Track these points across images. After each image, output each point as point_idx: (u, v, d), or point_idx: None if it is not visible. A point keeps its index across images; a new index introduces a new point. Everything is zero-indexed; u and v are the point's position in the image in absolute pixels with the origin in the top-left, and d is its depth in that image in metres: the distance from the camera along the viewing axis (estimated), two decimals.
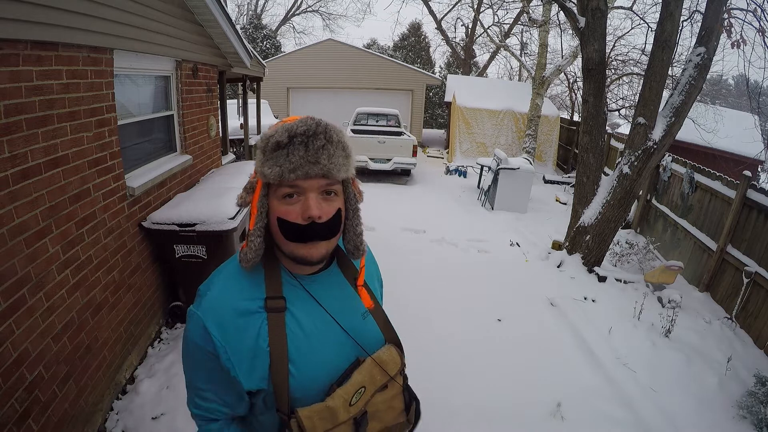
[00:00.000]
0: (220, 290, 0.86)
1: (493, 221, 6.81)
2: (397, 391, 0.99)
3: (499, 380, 2.93)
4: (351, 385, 0.88)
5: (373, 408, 0.94)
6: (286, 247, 0.83)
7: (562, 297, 4.18)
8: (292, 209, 0.80)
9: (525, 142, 10.75)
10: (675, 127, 4.28)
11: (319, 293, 0.90)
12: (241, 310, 0.84)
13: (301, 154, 0.77)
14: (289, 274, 0.89)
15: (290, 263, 0.88)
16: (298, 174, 0.77)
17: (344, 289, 0.95)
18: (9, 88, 1.71)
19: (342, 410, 0.87)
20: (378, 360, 0.93)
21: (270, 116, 11.24)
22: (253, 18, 22.19)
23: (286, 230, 0.81)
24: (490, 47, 18.91)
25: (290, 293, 0.88)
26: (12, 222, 1.74)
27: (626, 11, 9.34)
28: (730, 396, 2.99)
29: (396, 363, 0.97)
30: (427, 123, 20.30)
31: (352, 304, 0.95)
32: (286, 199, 0.80)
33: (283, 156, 0.78)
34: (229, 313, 0.84)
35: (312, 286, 0.90)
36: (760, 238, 3.91)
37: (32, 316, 1.85)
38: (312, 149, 0.78)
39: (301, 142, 0.78)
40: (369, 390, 0.92)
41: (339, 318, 0.91)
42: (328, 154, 0.79)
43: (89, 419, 2.26)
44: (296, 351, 0.85)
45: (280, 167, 0.77)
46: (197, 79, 4.05)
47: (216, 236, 2.98)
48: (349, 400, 0.88)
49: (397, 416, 1.00)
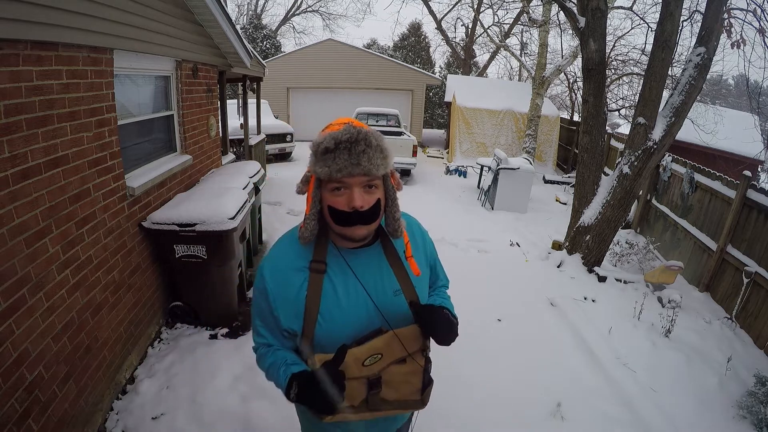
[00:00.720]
0: (278, 251, 1.11)
1: (493, 221, 6.81)
2: (416, 368, 1.12)
3: (499, 380, 2.93)
4: (366, 348, 1.04)
5: (388, 376, 1.09)
6: (335, 228, 1.03)
7: (562, 297, 4.17)
8: (339, 200, 0.99)
9: (525, 142, 10.75)
10: (675, 127, 4.28)
11: (356, 266, 1.08)
12: (291, 266, 1.07)
13: (345, 157, 0.95)
14: (334, 246, 1.08)
15: (337, 238, 1.07)
16: (343, 173, 0.96)
17: (381, 267, 1.11)
18: (9, 88, 1.71)
19: (353, 367, 1.03)
20: (399, 334, 1.07)
21: (270, 116, 11.25)
22: (253, 18, 22.19)
23: (334, 216, 1.00)
24: (490, 47, 18.93)
25: (332, 262, 1.07)
26: (12, 222, 1.74)
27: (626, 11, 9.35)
28: (730, 396, 2.99)
29: (417, 342, 1.10)
30: (427, 123, 20.30)
31: (385, 280, 1.10)
32: (334, 191, 0.99)
33: (330, 159, 0.96)
34: (281, 266, 1.07)
35: (352, 258, 1.08)
36: (760, 238, 3.91)
37: (32, 316, 1.85)
38: (354, 153, 0.95)
39: (345, 148, 0.95)
40: (386, 358, 1.07)
41: (370, 290, 1.08)
42: (367, 156, 0.96)
43: (89, 419, 2.26)
44: (326, 307, 1.04)
45: (329, 168, 0.96)
46: (197, 79, 4.05)
47: (216, 236, 2.98)
48: (363, 360, 1.03)
49: (412, 392, 1.14)
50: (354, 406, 1.09)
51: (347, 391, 1.03)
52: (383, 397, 1.11)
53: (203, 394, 2.61)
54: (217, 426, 2.40)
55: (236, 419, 2.45)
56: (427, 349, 1.15)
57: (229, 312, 3.36)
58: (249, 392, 2.65)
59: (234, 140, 7.64)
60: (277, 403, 2.54)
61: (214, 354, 2.98)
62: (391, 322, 1.08)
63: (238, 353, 2.99)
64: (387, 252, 1.12)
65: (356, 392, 1.07)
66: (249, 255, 4.28)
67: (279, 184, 8.09)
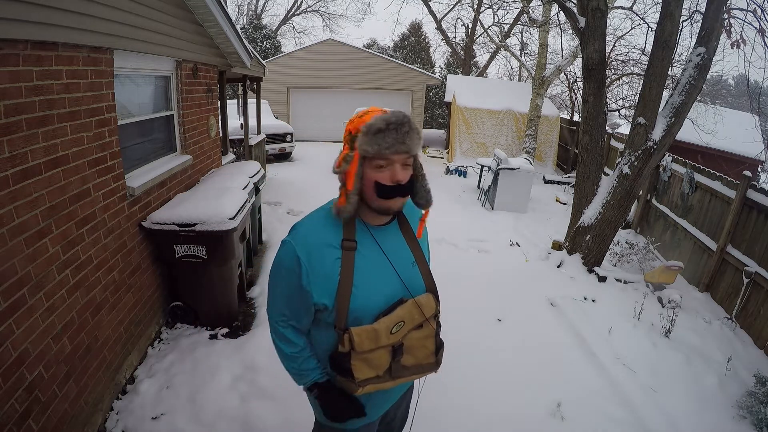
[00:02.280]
0: (309, 227, 1.18)
1: (493, 221, 6.81)
2: (430, 332, 1.25)
3: (498, 380, 2.93)
4: (394, 317, 1.16)
5: (408, 342, 1.21)
6: (376, 202, 1.13)
7: (562, 297, 4.17)
8: (384, 175, 1.10)
9: (525, 142, 10.75)
10: (675, 127, 4.28)
11: (382, 240, 1.20)
12: (324, 243, 1.14)
13: (394, 136, 1.07)
14: (363, 224, 1.19)
15: (368, 214, 1.19)
16: (391, 150, 1.07)
17: (400, 242, 1.26)
18: (9, 88, 1.71)
19: (384, 335, 1.14)
20: (418, 302, 1.20)
21: (270, 116, 11.24)
22: (253, 18, 22.19)
23: (380, 190, 1.10)
24: (490, 47, 18.90)
25: (361, 237, 1.17)
26: (12, 222, 1.74)
27: (626, 11, 9.34)
28: (730, 396, 2.99)
29: (431, 307, 1.23)
30: (427, 123, 20.29)
31: (404, 253, 1.25)
32: (378, 168, 1.10)
33: (381, 138, 1.07)
34: (315, 243, 1.14)
35: (378, 234, 1.20)
36: (760, 238, 3.91)
37: (32, 316, 1.85)
38: (401, 133, 1.07)
39: (394, 128, 1.07)
40: (407, 325, 1.19)
41: (394, 262, 1.20)
42: (411, 137, 1.09)
43: (89, 419, 2.26)
44: (360, 278, 1.14)
45: (379, 145, 1.07)
46: (197, 79, 4.05)
47: (216, 236, 2.98)
48: (391, 329, 1.15)
49: (428, 355, 1.26)
50: (379, 376, 1.18)
51: (375, 361, 1.16)
52: (404, 364, 1.21)
53: (203, 394, 2.61)
54: (216, 426, 2.40)
55: (236, 419, 2.45)
56: (439, 314, 1.27)
57: (229, 312, 3.36)
58: (249, 392, 2.65)
59: (234, 140, 7.64)
60: (277, 403, 2.54)
61: (214, 354, 2.98)
62: (411, 290, 1.21)
63: (238, 353, 2.99)
64: (403, 229, 1.27)
65: (383, 360, 1.18)
66: (249, 255, 4.28)
67: (279, 184, 8.09)
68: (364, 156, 1.11)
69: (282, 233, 1.22)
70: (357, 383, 1.15)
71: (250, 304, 3.78)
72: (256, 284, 4.13)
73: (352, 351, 1.13)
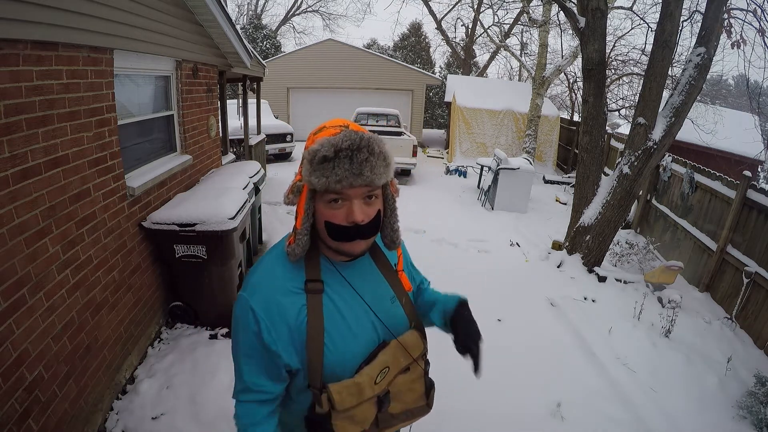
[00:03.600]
0: (264, 274, 0.97)
1: (493, 221, 6.81)
2: (419, 374, 1.07)
3: (498, 380, 2.93)
4: (377, 364, 0.98)
5: (395, 389, 1.03)
6: (331, 244, 0.94)
7: (562, 297, 4.17)
8: (337, 213, 0.89)
9: (525, 142, 10.75)
10: (675, 127, 4.28)
11: (353, 278, 0.99)
12: (283, 291, 0.93)
13: (346, 167, 0.84)
14: (327, 260, 0.98)
15: (330, 252, 0.97)
16: (343, 184, 0.85)
17: (375, 276, 1.05)
18: (9, 88, 1.71)
19: (368, 387, 0.96)
20: (402, 342, 1.02)
21: (270, 116, 11.24)
22: (253, 18, 22.19)
23: (332, 231, 0.90)
24: (490, 47, 18.91)
25: (328, 277, 0.97)
26: (12, 222, 1.74)
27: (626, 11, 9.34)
28: (730, 396, 2.99)
29: (419, 347, 1.06)
30: (427, 123, 20.28)
31: (381, 289, 1.04)
32: (331, 204, 0.89)
33: (329, 169, 0.85)
34: (272, 293, 0.93)
35: (347, 271, 0.99)
36: (760, 238, 3.91)
37: (32, 316, 1.85)
38: (356, 162, 0.85)
39: (346, 156, 0.84)
40: (392, 370, 1.01)
41: (370, 301, 1.00)
42: (370, 166, 0.86)
43: (89, 419, 2.26)
44: (332, 327, 0.94)
45: (327, 178, 0.85)
46: (197, 79, 4.05)
47: (216, 236, 2.98)
48: (375, 378, 0.97)
49: (417, 399, 1.09)
50: (365, 430, 1.01)
51: (359, 417, 0.98)
52: (391, 413, 1.05)
53: (203, 394, 2.61)
54: (216, 426, 2.40)
55: None
56: (427, 352, 1.11)
57: (229, 312, 3.33)
58: None
59: (234, 140, 7.64)
60: None
61: (214, 354, 2.98)
62: (393, 330, 1.03)
63: None
64: (377, 260, 1.06)
65: (368, 414, 1.00)
66: (249, 255, 4.28)
67: (279, 184, 8.08)
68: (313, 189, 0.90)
69: (282, 233, 1.18)
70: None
71: None
72: None
73: (333, 410, 0.94)
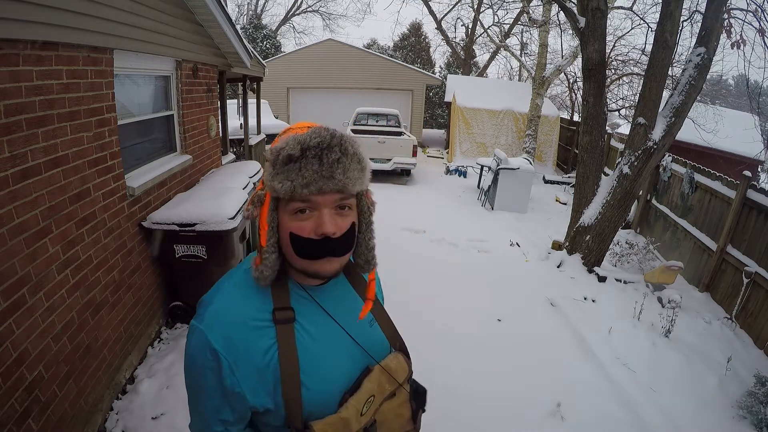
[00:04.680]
0: (224, 302, 0.82)
1: (493, 221, 6.81)
2: (405, 398, 0.98)
3: (499, 380, 2.93)
4: (362, 394, 0.87)
5: (381, 417, 0.93)
6: (297, 263, 0.80)
7: (562, 297, 4.18)
8: (304, 225, 0.77)
9: (525, 142, 10.76)
10: (675, 127, 4.28)
11: (327, 303, 0.88)
12: (247, 323, 0.80)
13: (314, 168, 0.73)
14: (296, 285, 0.86)
15: (299, 275, 0.84)
16: (311, 189, 0.74)
17: (352, 298, 0.93)
18: (9, 88, 1.71)
19: (354, 421, 0.85)
20: (386, 367, 0.92)
21: (270, 116, 11.25)
22: (253, 18, 22.19)
23: (298, 246, 0.77)
24: (490, 47, 18.93)
25: (298, 304, 0.84)
26: (12, 222, 1.74)
27: (626, 11, 9.35)
28: (730, 396, 2.99)
29: (404, 370, 0.97)
30: (427, 123, 20.29)
31: (358, 312, 0.91)
32: (297, 214, 0.77)
33: (295, 170, 0.73)
34: (234, 326, 0.79)
35: (320, 295, 0.87)
36: (760, 238, 3.91)
37: (32, 316, 1.85)
38: (326, 163, 0.74)
39: (314, 156, 0.73)
40: (378, 399, 0.91)
41: (347, 327, 0.88)
42: (343, 168, 0.75)
43: (89, 419, 2.26)
44: (308, 362, 0.82)
45: (292, 182, 0.73)
46: (197, 79, 4.05)
47: (216, 236, 2.98)
48: (360, 410, 0.87)
49: (404, 424, 0.99)
50: None
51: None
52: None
53: None
54: None
55: None
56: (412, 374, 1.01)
57: None
58: None
59: (234, 140, 7.64)
60: None
61: None
62: (374, 355, 0.92)
63: None
64: (352, 279, 0.95)
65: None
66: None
67: None
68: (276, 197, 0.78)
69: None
70: None
71: None
72: None
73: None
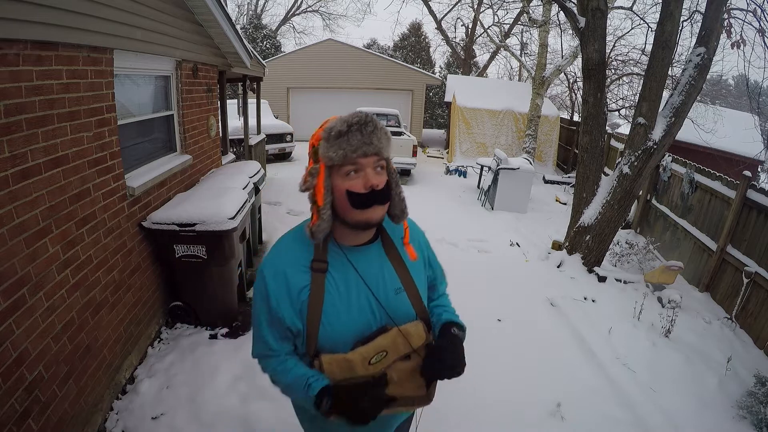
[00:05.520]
0: (277, 252, 1.10)
1: (493, 221, 6.81)
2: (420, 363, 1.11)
3: (499, 380, 2.93)
4: (372, 346, 1.05)
5: (394, 374, 1.09)
6: (351, 216, 1.01)
7: (562, 297, 4.17)
8: (355, 182, 0.99)
9: (525, 142, 10.75)
10: (675, 127, 4.28)
11: (359, 263, 1.08)
12: (291, 267, 1.05)
13: (358, 138, 0.97)
14: (336, 246, 1.08)
15: (344, 234, 1.07)
16: (358, 153, 0.97)
17: (383, 264, 1.12)
18: (9, 88, 1.71)
19: (359, 365, 1.04)
20: (403, 331, 1.08)
21: (270, 116, 11.24)
22: (253, 18, 22.18)
23: (353, 200, 0.99)
24: (490, 47, 18.91)
25: (335, 261, 1.07)
26: (12, 222, 1.74)
27: (626, 11, 9.33)
28: (730, 396, 2.99)
29: (421, 337, 1.11)
30: (427, 123, 20.29)
31: (387, 277, 1.11)
32: (349, 175, 0.99)
33: (344, 141, 0.97)
34: (281, 267, 1.06)
35: (354, 256, 1.08)
36: (760, 238, 3.91)
37: (32, 316, 1.85)
38: (366, 133, 0.98)
39: (357, 129, 0.98)
40: (391, 356, 1.08)
41: (373, 287, 1.08)
42: (377, 136, 0.99)
43: (89, 419, 2.26)
44: (330, 305, 1.04)
45: (344, 150, 0.97)
46: (197, 79, 4.05)
47: (216, 236, 2.98)
48: (369, 359, 1.04)
49: (417, 388, 1.14)
50: None
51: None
52: (389, 394, 1.10)
53: (203, 394, 2.61)
54: (216, 426, 2.40)
55: (236, 419, 2.45)
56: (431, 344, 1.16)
57: (229, 312, 3.36)
58: (249, 392, 2.65)
59: (234, 140, 7.64)
60: (277, 404, 2.54)
61: (214, 354, 2.98)
62: (395, 319, 1.09)
63: (238, 353, 2.99)
64: (387, 250, 1.13)
65: None
66: (249, 255, 4.28)
67: (279, 184, 8.09)
68: (331, 165, 1.00)
69: (282, 233, 1.19)
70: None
71: (250, 304, 3.77)
72: None
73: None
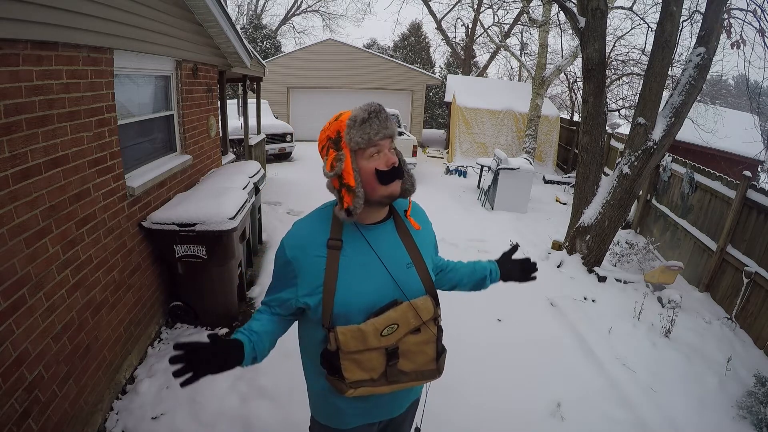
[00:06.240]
0: (298, 228, 1.23)
1: (493, 221, 6.81)
2: (430, 337, 1.21)
3: (499, 380, 2.93)
4: (384, 319, 1.13)
5: (405, 347, 1.18)
6: (378, 192, 1.14)
7: (562, 297, 4.17)
8: (379, 162, 1.13)
9: (525, 142, 10.75)
10: (675, 127, 4.28)
11: (372, 239, 1.19)
12: (311, 241, 1.17)
13: (377, 123, 1.12)
14: (352, 225, 1.19)
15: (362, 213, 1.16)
16: (379, 136, 1.12)
17: (394, 242, 1.23)
18: (9, 88, 1.71)
19: (372, 336, 1.12)
20: (414, 305, 1.17)
21: (270, 116, 11.25)
22: (253, 18, 22.18)
23: (381, 177, 1.13)
24: (490, 47, 18.91)
25: (349, 237, 1.18)
26: (12, 222, 1.74)
27: (626, 11, 9.32)
28: (730, 396, 2.99)
29: (429, 311, 1.20)
30: (427, 123, 20.29)
31: (398, 254, 1.22)
32: (373, 157, 1.13)
33: (366, 126, 1.12)
34: (302, 240, 1.18)
35: (369, 233, 1.20)
36: (760, 238, 3.91)
37: (32, 316, 1.85)
38: (382, 119, 1.13)
39: (374, 116, 1.12)
40: (402, 329, 1.16)
41: (386, 261, 1.18)
42: (390, 122, 1.15)
43: (89, 419, 2.26)
44: (344, 279, 1.14)
45: (368, 134, 1.11)
46: (197, 79, 4.05)
47: (216, 236, 2.98)
48: (381, 331, 1.13)
49: (428, 362, 1.23)
50: (374, 379, 1.16)
51: (366, 364, 1.14)
52: (401, 369, 1.19)
53: (203, 394, 2.61)
54: (216, 426, 2.40)
55: (236, 419, 2.45)
56: (439, 318, 1.24)
57: (229, 312, 3.36)
58: (249, 392, 2.65)
59: (234, 140, 7.64)
60: (277, 403, 2.54)
61: None
62: (406, 293, 1.18)
63: None
64: (398, 228, 1.26)
65: (376, 363, 1.15)
66: (249, 255, 4.28)
67: (279, 184, 8.09)
68: (355, 150, 1.14)
69: (282, 233, 1.22)
70: (347, 384, 1.14)
71: (250, 304, 3.77)
72: (256, 284, 4.12)
73: (340, 350, 1.12)
